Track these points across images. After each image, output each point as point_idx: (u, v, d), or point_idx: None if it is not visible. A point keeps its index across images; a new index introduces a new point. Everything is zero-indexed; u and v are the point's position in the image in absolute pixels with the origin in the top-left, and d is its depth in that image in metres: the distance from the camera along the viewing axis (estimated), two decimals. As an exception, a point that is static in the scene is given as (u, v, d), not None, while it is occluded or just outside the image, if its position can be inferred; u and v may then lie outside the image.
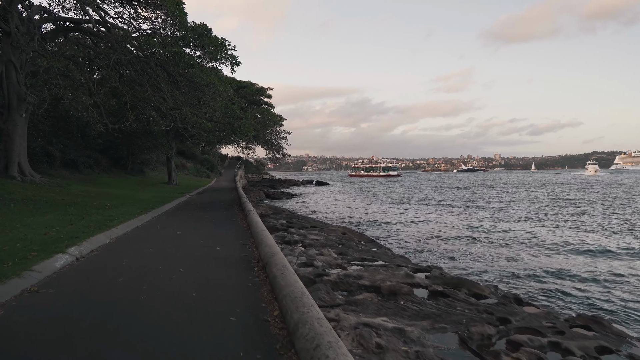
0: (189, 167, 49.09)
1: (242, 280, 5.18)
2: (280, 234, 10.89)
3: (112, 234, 8.82)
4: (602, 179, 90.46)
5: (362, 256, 8.61)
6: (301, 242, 10.21)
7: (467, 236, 16.59)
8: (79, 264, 6.23)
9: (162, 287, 4.92)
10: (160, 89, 15.22)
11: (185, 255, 6.75)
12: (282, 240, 10.33)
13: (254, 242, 7.76)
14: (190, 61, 14.42)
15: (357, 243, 10.86)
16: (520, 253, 13.34)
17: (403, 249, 13.33)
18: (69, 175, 23.42)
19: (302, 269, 7.18)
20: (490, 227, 19.37)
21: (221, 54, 17.83)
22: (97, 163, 28.82)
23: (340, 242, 10.59)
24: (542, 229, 18.73)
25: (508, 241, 15.57)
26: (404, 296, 6.08)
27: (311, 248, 8.72)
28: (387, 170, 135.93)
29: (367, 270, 7.37)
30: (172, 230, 9.98)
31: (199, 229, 10.12)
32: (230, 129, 19.45)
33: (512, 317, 5.43)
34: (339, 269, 7.60)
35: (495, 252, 13.42)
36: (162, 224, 11.31)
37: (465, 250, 13.71)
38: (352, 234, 13.44)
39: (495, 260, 12.18)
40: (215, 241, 8.18)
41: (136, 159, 34.88)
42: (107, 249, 7.51)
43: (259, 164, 75.67)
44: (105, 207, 13.69)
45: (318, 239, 10.59)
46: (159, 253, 7.01)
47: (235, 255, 6.75)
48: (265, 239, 6.96)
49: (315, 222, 16.02)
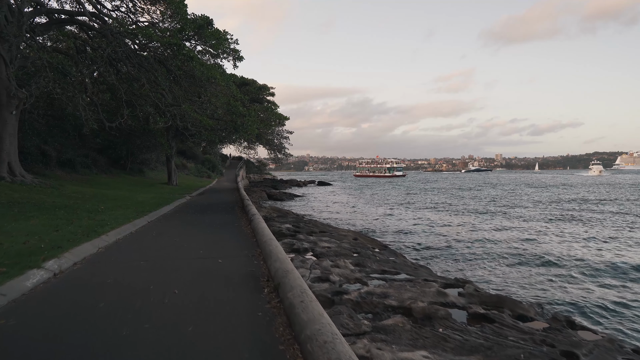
0: (189, 167, 48.24)
1: (250, 307, 4.20)
2: (288, 241, 9.90)
3: (101, 242, 7.86)
4: (609, 180, 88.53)
5: (381, 268, 7.64)
6: (312, 251, 9.24)
7: (486, 242, 15.37)
8: (56, 281, 5.27)
9: (151, 317, 3.95)
10: (158, 84, 14.25)
11: (182, 270, 5.78)
12: (290, 248, 9.36)
13: (261, 253, 6.80)
14: (190, 53, 13.44)
15: (372, 251, 9.88)
16: (550, 262, 12.22)
17: (420, 257, 12.33)
18: (65, 176, 22.51)
19: (317, 285, 6.21)
20: (511, 232, 18.12)
21: (223, 48, 16.84)
22: (95, 163, 27.92)
23: (354, 250, 9.61)
24: (570, 234, 17.53)
25: (534, 249, 14.32)
26: (441, 321, 5.11)
27: (325, 259, 7.74)
28: (392, 170, 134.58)
29: (391, 286, 6.40)
30: (169, 237, 9.02)
31: (199, 235, 9.16)
32: (232, 127, 18.43)
33: (578, 349, 4.46)
34: (359, 284, 6.64)
35: (520, 261, 12.38)
36: (158, 229, 10.35)
37: (487, 258, 12.64)
38: (364, 240, 12.46)
39: (521, 270, 11.13)
40: (217, 251, 7.21)
41: (135, 159, 33.98)
42: (93, 261, 6.54)
43: (260, 164, 74.91)
44: (98, 210, 12.75)
45: (330, 246, 9.62)
46: (152, 266, 6.05)
47: (240, 270, 5.78)
48: (275, 251, 6.00)
49: (323, 226, 15.02)
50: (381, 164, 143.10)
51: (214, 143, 42.72)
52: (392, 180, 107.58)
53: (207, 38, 14.73)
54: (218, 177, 50.95)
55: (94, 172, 26.55)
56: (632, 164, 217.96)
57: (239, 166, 59.15)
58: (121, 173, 30.88)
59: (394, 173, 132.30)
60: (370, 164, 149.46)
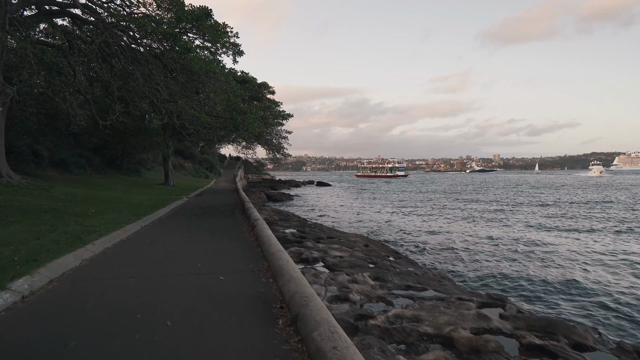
0: (187, 167, 47.30)
1: (262, 349, 3.24)
2: (296, 250, 8.95)
3: (85, 253, 6.92)
4: (613, 180, 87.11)
5: (405, 282, 6.72)
6: (322, 261, 8.30)
7: (507, 249, 14.23)
8: (22, 308, 4.32)
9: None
10: (153, 78, 13.27)
11: (177, 291, 4.85)
12: (298, 257, 8.43)
13: (269, 267, 5.88)
14: (187, 45, 12.47)
15: (389, 261, 8.95)
16: (583, 272, 11.23)
17: (437, 265, 11.35)
18: (57, 176, 21.57)
19: (336, 307, 5.28)
20: (533, 237, 16.89)
21: (222, 42, 15.86)
22: (90, 163, 26.96)
23: (369, 259, 8.68)
24: (604, 241, 16.34)
25: (565, 257, 13.18)
26: (492, 355, 4.19)
27: (340, 272, 6.79)
28: (394, 170, 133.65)
29: (422, 306, 5.48)
30: (163, 245, 8.07)
31: (197, 244, 8.22)
32: (232, 125, 17.43)
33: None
34: (383, 304, 5.71)
35: (548, 270, 11.40)
36: (152, 236, 9.41)
37: (511, 267, 11.56)
38: (375, 246, 11.52)
39: (553, 281, 10.13)
40: (217, 264, 6.28)
41: (132, 159, 33.01)
42: (74, 277, 5.60)
43: (258, 164, 74.09)
44: (87, 214, 11.79)
45: (342, 256, 8.69)
46: (141, 286, 5.11)
47: (246, 291, 4.84)
48: (287, 267, 5.07)
49: (330, 231, 14.07)
50: (383, 164, 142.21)
51: (212, 142, 41.75)
52: (394, 180, 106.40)
53: (207, 30, 13.73)
54: (216, 178, 50.03)
55: (88, 172, 25.63)
56: (629, 164, 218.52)
57: (237, 166, 58.21)
58: (117, 173, 29.93)
59: (396, 173, 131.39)
60: (372, 164, 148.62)
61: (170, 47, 12.97)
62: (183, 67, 13.99)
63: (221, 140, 40.96)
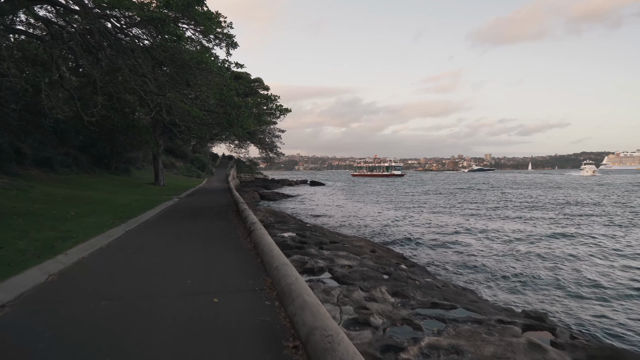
0: (178, 167, 46.11)
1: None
2: (298, 258, 7.94)
3: (54, 266, 5.89)
4: (607, 180, 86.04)
5: (429, 298, 5.76)
6: (329, 271, 7.31)
7: (525, 253, 13.20)
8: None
9: None
10: (139, 68, 12.18)
11: (161, 321, 3.83)
12: (302, 267, 7.44)
13: (272, 284, 4.90)
14: (177, 31, 11.39)
15: (404, 271, 7.97)
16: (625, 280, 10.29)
17: (453, 274, 10.32)
18: (41, 175, 20.43)
19: (357, 334, 4.31)
20: (550, 238, 15.96)
21: (214, 32, 14.76)
22: (76, 162, 25.74)
23: (382, 269, 7.71)
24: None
25: (598, 260, 12.28)
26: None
27: (354, 288, 5.80)
28: (391, 169, 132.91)
29: (457, 332, 4.53)
30: (148, 254, 7.04)
31: (187, 252, 7.19)
32: (226, 120, 16.31)
33: None
34: (410, 328, 4.74)
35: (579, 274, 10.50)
36: (137, 242, 8.37)
37: (535, 274, 10.51)
38: (383, 252, 10.54)
39: (586, 290, 9.19)
40: (211, 280, 5.28)
41: (121, 158, 31.76)
42: (33, 300, 4.55)
43: (251, 163, 73.25)
44: (67, 217, 10.74)
45: (351, 265, 7.71)
46: (113, 314, 4.07)
47: (247, 320, 3.84)
48: (297, 288, 4.09)
49: (332, 234, 13.05)
50: (379, 163, 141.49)
51: (205, 140, 40.54)
52: (390, 180, 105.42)
53: (198, 17, 12.63)
54: (208, 177, 48.88)
55: (74, 171, 24.48)
56: (618, 164, 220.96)
57: (229, 165, 57.12)
58: (105, 173, 28.72)
59: (392, 172, 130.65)
60: (369, 163, 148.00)
61: (157, 34, 11.90)
62: (173, 57, 12.90)
63: (213, 138, 39.80)
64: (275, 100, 17.41)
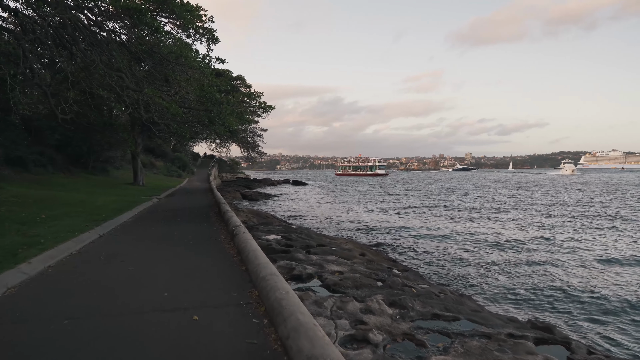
0: (158, 166, 45.02)
1: None
2: (285, 264, 7.40)
3: (15, 277, 5.26)
4: (588, 179, 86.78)
5: (429, 309, 5.31)
6: (319, 278, 6.81)
7: (515, 252, 12.97)
8: None
9: None
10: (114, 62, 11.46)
11: (129, 348, 3.29)
12: (289, 273, 6.91)
13: (259, 296, 4.39)
14: (154, 23, 10.71)
15: (398, 277, 7.50)
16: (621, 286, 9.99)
17: (446, 276, 9.89)
18: (13, 176, 19.49)
19: (355, 355, 3.82)
20: (540, 237, 15.78)
21: (195, 26, 14.09)
22: (52, 161, 24.71)
23: (374, 274, 7.23)
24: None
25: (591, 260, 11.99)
26: None
27: (349, 299, 5.28)
28: (375, 169, 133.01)
29: (466, 349, 4.08)
30: (121, 262, 6.44)
31: (164, 259, 6.61)
32: (206, 118, 15.58)
33: None
34: (412, 344, 4.28)
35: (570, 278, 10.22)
36: (110, 248, 7.74)
37: (528, 275, 10.19)
38: (373, 255, 10.08)
39: (586, 296, 8.85)
40: (190, 292, 4.73)
41: (99, 157, 30.64)
42: (-18, 320, 3.97)
43: (233, 162, 72.47)
44: (36, 220, 10.01)
45: (342, 270, 7.21)
46: (76, 336, 3.50)
47: (233, 343, 3.31)
48: (288, 304, 3.58)
49: (318, 236, 12.51)
50: (363, 162, 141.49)
51: (185, 139, 39.59)
52: (375, 179, 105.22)
53: (176, 9, 11.95)
54: (189, 177, 47.88)
55: (50, 171, 23.52)
56: (595, 163, 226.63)
57: (211, 165, 56.21)
58: (82, 172, 27.69)
59: (376, 172, 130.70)
60: (353, 162, 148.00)
61: (133, 26, 11.20)
62: (150, 51, 12.20)
63: (194, 137, 38.92)
64: (258, 97, 16.77)
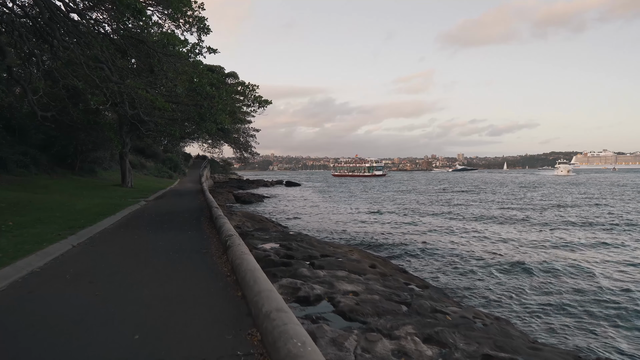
0: (149, 167, 43.61)
1: None
2: (288, 283, 6.20)
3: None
4: (587, 179, 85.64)
5: (475, 346, 4.20)
6: (330, 300, 5.67)
7: (534, 262, 11.94)
8: None
9: None
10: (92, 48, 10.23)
11: None
12: (294, 295, 5.75)
13: (261, 340, 3.25)
14: (136, 4, 9.48)
15: (424, 298, 6.33)
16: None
17: (468, 291, 8.79)
18: (-9, 177, 18.22)
19: None
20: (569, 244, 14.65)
21: (185, 15, 12.87)
22: (35, 162, 23.29)
23: (394, 293, 6.09)
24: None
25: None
26: None
27: (377, 337, 4.12)
28: (372, 169, 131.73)
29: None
30: (89, 284, 5.24)
31: (142, 281, 5.40)
32: (196, 114, 14.27)
33: None
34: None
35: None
36: (80, 263, 6.53)
37: (561, 291, 9.24)
38: (381, 265, 8.95)
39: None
40: (170, 333, 3.56)
41: (86, 157, 29.16)
42: None
43: (225, 163, 71.39)
44: (1, 228, 8.78)
45: (357, 290, 6.06)
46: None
47: None
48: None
49: (321, 245, 11.18)
50: (360, 163, 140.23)
51: (175, 138, 38.20)
52: (373, 180, 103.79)
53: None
54: (180, 178, 46.53)
55: (33, 172, 22.14)
56: (586, 163, 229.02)
57: (202, 166, 54.86)
58: (68, 174, 26.27)
59: (373, 172, 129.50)
60: (349, 163, 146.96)
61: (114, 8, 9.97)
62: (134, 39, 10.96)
63: (185, 137, 37.59)
64: (253, 91, 15.44)
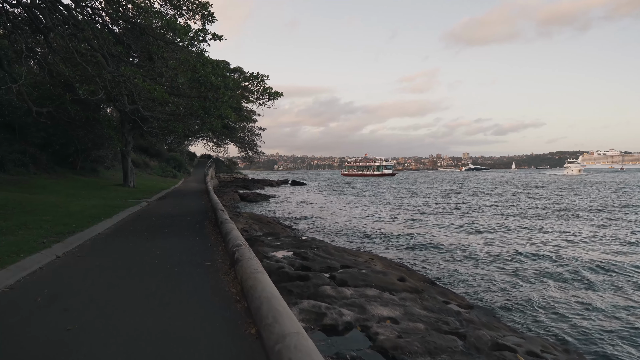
0: (153, 166, 42.70)
1: None
2: (311, 306, 5.09)
3: None
4: (601, 179, 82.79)
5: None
6: (363, 329, 4.58)
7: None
8: None
9: None
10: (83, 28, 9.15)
11: None
12: (318, 321, 4.63)
13: None
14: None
15: (476, 325, 5.22)
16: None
17: (522, 314, 7.55)
18: (-14, 178, 17.38)
19: None
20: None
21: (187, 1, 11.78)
22: (35, 161, 22.45)
23: (443, 322, 4.99)
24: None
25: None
26: None
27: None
28: (382, 168, 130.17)
29: None
30: (64, 311, 4.12)
31: (130, 308, 4.27)
32: (200, 108, 13.07)
33: None
34: None
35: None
36: (59, 281, 5.41)
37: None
38: (417, 282, 7.80)
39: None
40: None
41: (88, 156, 28.20)
42: None
43: (230, 162, 70.85)
44: (-23, 235, 7.72)
45: (395, 317, 4.95)
46: None
47: None
48: None
49: (339, 253, 9.90)
50: (370, 162, 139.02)
51: (179, 136, 37.20)
52: (383, 179, 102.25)
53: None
54: (185, 177, 45.61)
55: (31, 172, 21.27)
56: (592, 163, 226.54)
57: (207, 165, 53.96)
58: (69, 173, 25.31)
59: (383, 172, 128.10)
60: (359, 162, 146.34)
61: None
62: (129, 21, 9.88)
63: (189, 135, 36.65)
64: (262, 81, 14.23)
